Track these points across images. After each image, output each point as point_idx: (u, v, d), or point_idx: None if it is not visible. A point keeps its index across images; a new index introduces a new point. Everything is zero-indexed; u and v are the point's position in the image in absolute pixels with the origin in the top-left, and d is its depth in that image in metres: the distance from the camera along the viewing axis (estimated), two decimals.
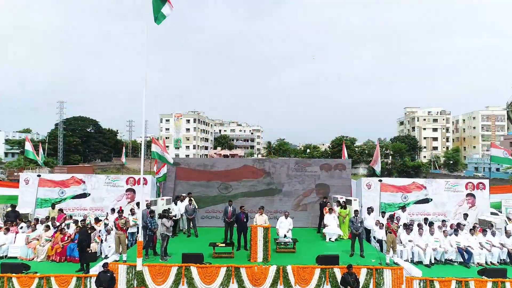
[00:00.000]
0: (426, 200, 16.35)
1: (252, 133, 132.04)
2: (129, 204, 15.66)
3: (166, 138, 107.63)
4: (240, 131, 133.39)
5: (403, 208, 15.69)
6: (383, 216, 15.15)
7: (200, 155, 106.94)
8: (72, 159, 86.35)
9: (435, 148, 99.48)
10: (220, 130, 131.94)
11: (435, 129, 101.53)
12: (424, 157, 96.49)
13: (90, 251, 11.54)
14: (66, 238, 12.48)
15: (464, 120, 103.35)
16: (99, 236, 12.72)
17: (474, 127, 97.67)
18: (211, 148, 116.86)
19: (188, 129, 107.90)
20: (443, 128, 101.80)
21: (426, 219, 14.44)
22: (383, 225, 14.11)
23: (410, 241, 12.84)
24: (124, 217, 12.01)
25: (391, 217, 12.19)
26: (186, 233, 15.63)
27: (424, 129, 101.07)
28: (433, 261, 12.63)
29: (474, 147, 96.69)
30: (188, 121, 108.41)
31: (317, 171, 17.69)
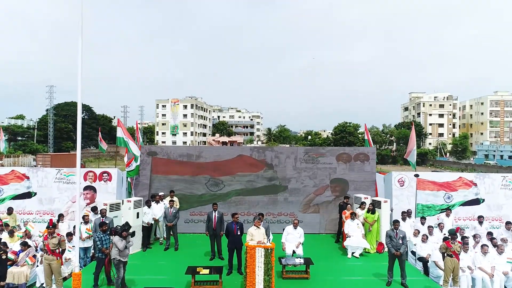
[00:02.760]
0: (476, 201, 12.58)
1: (251, 120, 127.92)
2: (87, 206, 11.86)
3: (163, 124, 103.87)
4: (240, 117, 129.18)
5: (447, 211, 11.96)
6: (422, 223, 11.44)
7: (198, 142, 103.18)
8: (64, 146, 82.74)
9: (441, 134, 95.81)
10: (218, 117, 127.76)
11: (441, 115, 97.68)
12: (430, 144, 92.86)
13: (4, 286, 7.76)
14: None
15: (471, 105, 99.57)
16: (33, 256, 8.96)
17: (482, 113, 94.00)
18: (209, 134, 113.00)
19: (185, 115, 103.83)
20: (450, 114, 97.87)
21: (492, 233, 10.60)
22: (427, 237, 10.40)
23: (469, 268, 9.09)
24: (58, 234, 8.18)
25: (452, 234, 8.45)
26: (164, 244, 11.91)
27: (430, 115, 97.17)
28: None
29: (482, 133, 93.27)
30: (185, 107, 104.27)
31: (332, 163, 13.85)
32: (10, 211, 11.62)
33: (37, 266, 9.08)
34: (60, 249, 7.89)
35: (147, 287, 7.84)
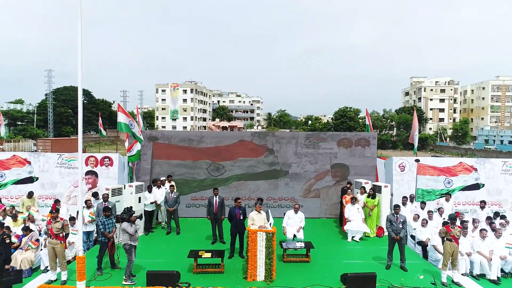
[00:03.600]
0: (476, 186, 12.63)
1: (251, 104, 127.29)
2: (90, 191, 11.93)
3: (163, 109, 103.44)
4: (240, 102, 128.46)
5: (447, 196, 12.03)
6: (422, 208, 11.52)
7: (198, 127, 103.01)
8: (64, 130, 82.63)
9: (442, 119, 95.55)
10: (218, 101, 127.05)
11: (442, 100, 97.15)
12: (430, 129, 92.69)
13: (10, 270, 7.85)
14: None
15: (472, 90, 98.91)
16: (36, 240, 9.06)
17: (483, 98, 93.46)
18: (209, 119, 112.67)
19: (185, 100, 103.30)
20: (451, 99, 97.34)
21: (491, 218, 10.64)
22: (426, 222, 10.49)
23: (469, 254, 9.20)
24: (62, 218, 8.24)
25: (452, 219, 8.51)
26: (166, 228, 12.02)
27: (431, 99, 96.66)
28: (499, 274, 9.07)
29: (482, 118, 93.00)
30: (185, 91, 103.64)
31: (333, 148, 13.85)
32: (30, 194, 11.71)
33: (41, 249, 9.19)
34: (64, 233, 7.96)
35: (150, 270, 7.93)
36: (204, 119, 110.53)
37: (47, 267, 8.71)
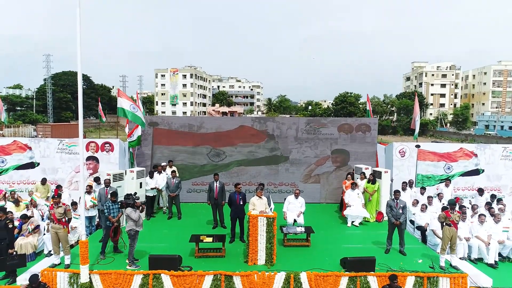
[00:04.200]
0: (476, 172, 12.68)
1: (251, 89, 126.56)
2: (91, 176, 11.98)
3: (162, 94, 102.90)
4: (239, 87, 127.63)
5: (446, 181, 12.08)
6: (422, 193, 11.60)
7: (198, 113, 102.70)
8: (63, 116, 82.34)
9: (442, 105, 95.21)
10: (218, 86, 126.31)
11: (443, 85, 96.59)
12: (431, 114, 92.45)
13: (14, 254, 7.96)
14: None
15: (474, 75, 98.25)
16: (36, 226, 9.15)
17: (485, 83, 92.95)
18: (209, 104, 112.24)
19: (184, 85, 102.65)
20: (452, 84, 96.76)
21: (490, 203, 10.72)
22: (426, 207, 10.58)
23: (467, 238, 9.31)
24: (64, 203, 8.29)
25: (451, 204, 8.57)
26: (167, 213, 12.12)
27: (432, 85, 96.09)
28: (497, 259, 9.21)
29: (483, 104, 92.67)
30: (184, 76, 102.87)
31: (334, 134, 13.84)
32: (43, 181, 11.75)
33: (44, 234, 9.30)
34: (66, 218, 8.03)
35: (152, 255, 8.03)
36: (204, 105, 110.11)
37: (50, 251, 8.83)
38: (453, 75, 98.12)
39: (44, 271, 7.72)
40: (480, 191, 11.55)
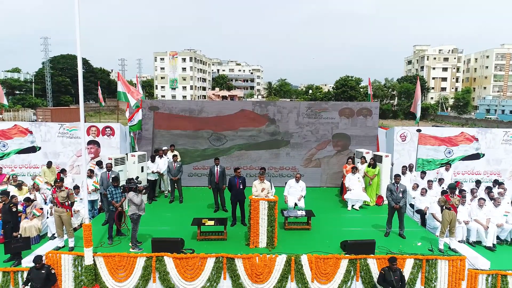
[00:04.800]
0: (476, 156, 12.71)
1: (251, 73, 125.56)
2: (92, 161, 12.02)
3: (162, 78, 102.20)
4: (239, 71, 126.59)
5: (446, 165, 12.13)
6: (422, 178, 11.65)
7: (198, 97, 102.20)
8: (63, 100, 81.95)
9: (444, 89, 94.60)
10: (218, 70, 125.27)
11: (445, 69, 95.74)
12: (432, 98, 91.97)
13: (18, 237, 8.06)
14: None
15: (476, 59, 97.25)
16: (40, 208, 9.23)
17: (487, 67, 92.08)
18: (209, 88, 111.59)
19: (184, 69, 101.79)
20: (454, 68, 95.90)
21: (490, 187, 10.76)
22: (426, 191, 10.64)
23: (466, 222, 9.40)
24: (66, 187, 8.35)
25: (452, 188, 8.63)
26: (169, 197, 12.21)
27: (434, 68, 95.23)
28: (495, 242, 9.33)
29: (485, 88, 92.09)
30: (184, 60, 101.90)
31: (335, 118, 13.81)
32: (49, 165, 11.79)
33: (48, 217, 9.39)
34: (69, 202, 8.09)
35: (155, 238, 8.14)
36: (204, 88, 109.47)
37: (54, 234, 8.94)
38: (455, 58, 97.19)
39: (48, 254, 7.84)
40: (478, 183, 11.52)
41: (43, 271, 7.25)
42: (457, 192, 9.08)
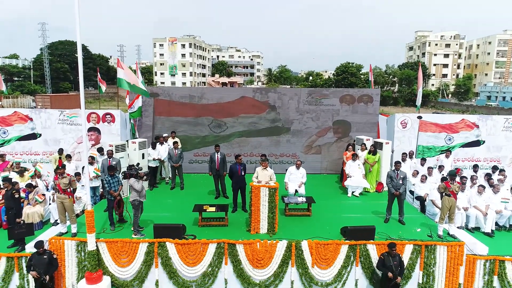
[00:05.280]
0: (477, 143, 12.72)
1: (251, 59, 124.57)
2: (92, 148, 12.04)
3: (161, 64, 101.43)
4: (239, 57, 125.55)
5: (447, 152, 12.15)
6: (422, 165, 11.69)
7: (198, 83, 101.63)
8: (62, 86, 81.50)
9: (445, 75, 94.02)
10: (218, 56, 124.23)
11: (446, 55, 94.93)
12: (432, 85, 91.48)
13: (21, 223, 8.13)
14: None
15: (478, 45, 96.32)
16: (42, 194, 9.29)
17: (489, 53, 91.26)
18: (208, 75, 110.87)
19: (183, 55, 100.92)
20: (455, 54, 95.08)
21: (490, 174, 10.79)
22: (426, 177, 10.69)
23: (465, 208, 9.47)
24: (68, 174, 8.38)
25: (452, 175, 8.67)
26: (170, 183, 12.27)
27: (435, 55, 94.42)
28: (493, 228, 9.42)
29: (486, 74, 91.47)
30: (183, 46, 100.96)
31: (335, 105, 13.76)
32: (60, 151, 11.82)
33: (50, 204, 9.45)
34: (71, 188, 8.14)
35: (157, 224, 8.21)
36: (204, 75, 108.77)
37: (56, 220, 9.01)
38: (457, 44, 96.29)
39: (52, 240, 7.93)
40: (475, 167, 11.58)
41: (45, 256, 7.34)
42: (457, 179, 9.12)
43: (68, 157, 11.37)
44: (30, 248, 7.88)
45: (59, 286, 7.92)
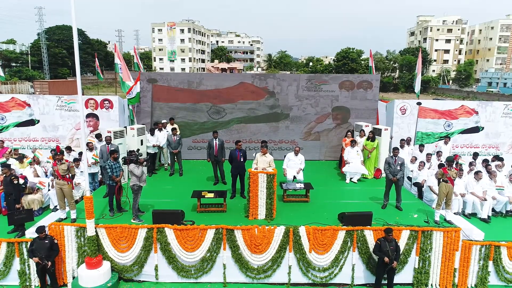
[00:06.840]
0: (476, 129, 12.70)
1: (251, 45, 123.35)
2: (91, 134, 12.02)
3: (160, 50, 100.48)
4: (239, 42, 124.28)
5: (446, 139, 12.15)
6: (421, 151, 11.71)
7: (197, 69, 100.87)
8: (60, 72, 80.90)
9: (446, 61, 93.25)
10: (217, 42, 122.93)
11: (448, 41, 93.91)
12: (433, 71, 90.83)
13: (21, 209, 8.18)
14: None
15: (480, 30, 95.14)
16: (42, 181, 9.33)
17: (491, 38, 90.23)
18: (208, 60, 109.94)
19: (182, 40, 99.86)
20: (457, 39, 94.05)
21: (488, 160, 10.82)
22: (424, 164, 10.72)
23: (462, 194, 9.51)
24: (67, 160, 8.39)
25: (450, 161, 8.67)
26: (169, 170, 12.30)
27: (437, 40, 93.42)
28: (490, 214, 9.49)
29: (488, 60, 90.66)
30: (182, 31, 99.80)
31: (335, 91, 13.69)
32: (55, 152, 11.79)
33: (49, 190, 9.50)
34: (70, 175, 8.16)
35: (156, 209, 8.26)
36: (203, 61, 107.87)
37: (56, 206, 9.07)
38: (459, 29, 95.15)
39: (51, 225, 7.98)
40: (475, 155, 11.58)
41: (46, 241, 7.43)
42: (454, 165, 9.14)
43: (68, 149, 11.37)
44: (30, 233, 7.95)
45: (59, 271, 8.03)
